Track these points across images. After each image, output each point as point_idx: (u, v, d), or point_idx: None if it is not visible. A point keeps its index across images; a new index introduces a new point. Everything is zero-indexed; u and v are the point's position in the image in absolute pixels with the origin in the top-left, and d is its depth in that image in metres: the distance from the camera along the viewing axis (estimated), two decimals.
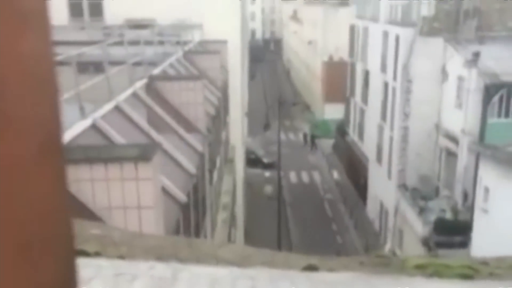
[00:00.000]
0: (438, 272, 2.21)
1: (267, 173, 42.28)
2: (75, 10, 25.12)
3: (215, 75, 17.67)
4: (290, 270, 1.98)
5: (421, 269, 2.01)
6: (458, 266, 1.91)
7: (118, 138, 8.13)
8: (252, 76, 59.61)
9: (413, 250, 23.92)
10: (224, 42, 22.61)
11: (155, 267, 1.89)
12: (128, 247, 2.04)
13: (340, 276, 2.33)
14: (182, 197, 8.56)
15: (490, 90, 22.09)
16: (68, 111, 7.51)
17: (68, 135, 6.88)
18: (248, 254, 2.00)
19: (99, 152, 6.34)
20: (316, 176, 43.17)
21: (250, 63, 52.12)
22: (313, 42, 58.50)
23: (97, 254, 1.96)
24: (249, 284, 1.98)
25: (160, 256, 1.97)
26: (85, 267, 1.76)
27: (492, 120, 22.33)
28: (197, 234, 10.92)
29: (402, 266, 2.08)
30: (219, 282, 1.96)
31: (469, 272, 2.24)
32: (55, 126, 0.67)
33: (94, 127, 7.88)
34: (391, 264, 2.13)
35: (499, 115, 22.53)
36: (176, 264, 1.92)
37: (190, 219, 9.85)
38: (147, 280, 1.94)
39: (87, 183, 5.75)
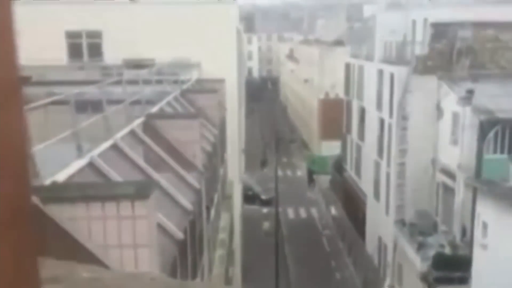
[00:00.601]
0: None
1: (265, 210, 42.11)
2: (75, 51, 25.50)
3: (213, 113, 17.81)
4: None
5: None
6: None
7: (115, 176, 8.14)
8: (249, 113, 60.06)
9: (413, 286, 23.60)
10: (221, 81, 22.88)
11: None
12: None
13: None
14: (178, 234, 8.51)
15: (485, 127, 22.26)
16: (65, 150, 7.54)
17: (65, 173, 6.89)
18: None
19: (96, 190, 6.34)
20: (314, 212, 42.97)
21: (248, 101, 52.56)
22: (309, 80, 59.19)
23: None
24: None
25: None
26: None
27: (488, 156, 22.43)
28: (194, 271, 10.79)
29: None
30: None
31: None
32: (22, 197, 0.68)
33: (91, 165, 7.89)
34: None
35: (495, 151, 22.64)
36: None
37: (187, 257, 9.76)
38: None
39: (83, 221, 5.72)
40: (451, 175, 24.45)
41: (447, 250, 22.96)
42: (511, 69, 25.67)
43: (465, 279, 20.23)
